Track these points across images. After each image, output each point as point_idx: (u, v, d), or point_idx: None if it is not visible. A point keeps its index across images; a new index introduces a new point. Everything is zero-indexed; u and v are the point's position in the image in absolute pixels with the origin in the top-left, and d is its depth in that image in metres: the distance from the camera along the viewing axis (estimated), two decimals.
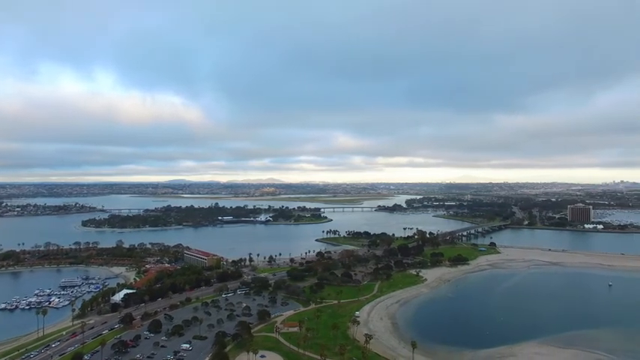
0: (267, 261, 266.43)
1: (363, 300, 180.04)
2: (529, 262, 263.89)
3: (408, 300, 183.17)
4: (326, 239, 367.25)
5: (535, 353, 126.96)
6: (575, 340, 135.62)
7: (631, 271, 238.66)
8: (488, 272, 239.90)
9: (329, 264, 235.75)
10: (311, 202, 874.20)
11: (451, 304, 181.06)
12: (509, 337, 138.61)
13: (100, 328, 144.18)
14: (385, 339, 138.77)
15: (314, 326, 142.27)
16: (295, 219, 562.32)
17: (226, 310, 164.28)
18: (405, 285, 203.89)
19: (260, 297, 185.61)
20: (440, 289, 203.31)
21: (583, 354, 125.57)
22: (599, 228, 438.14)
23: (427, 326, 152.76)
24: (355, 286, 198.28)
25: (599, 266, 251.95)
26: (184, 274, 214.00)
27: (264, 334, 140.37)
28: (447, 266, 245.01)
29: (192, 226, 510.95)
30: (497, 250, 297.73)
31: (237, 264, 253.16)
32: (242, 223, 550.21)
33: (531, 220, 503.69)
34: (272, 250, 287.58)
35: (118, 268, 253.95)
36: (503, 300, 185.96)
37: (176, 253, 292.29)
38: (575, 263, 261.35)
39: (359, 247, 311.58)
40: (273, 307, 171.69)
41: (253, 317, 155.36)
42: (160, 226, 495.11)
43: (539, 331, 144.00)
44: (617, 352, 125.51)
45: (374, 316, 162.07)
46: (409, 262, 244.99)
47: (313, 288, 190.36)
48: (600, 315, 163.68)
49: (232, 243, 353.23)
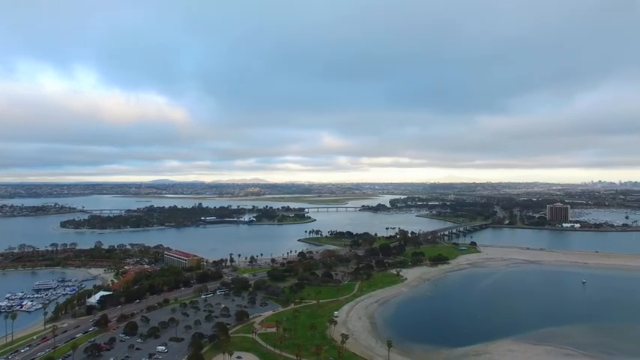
0: (248, 261, 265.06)
1: (342, 300, 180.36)
2: (508, 260, 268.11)
3: (388, 299, 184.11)
4: (308, 239, 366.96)
5: (509, 350, 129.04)
6: (548, 337, 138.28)
7: (604, 269, 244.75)
8: (467, 271, 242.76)
9: (310, 264, 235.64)
10: (295, 202, 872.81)
11: (430, 303, 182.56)
12: (485, 335, 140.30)
13: (73, 332, 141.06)
14: (363, 338, 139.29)
15: (292, 326, 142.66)
16: (279, 219, 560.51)
17: (205, 311, 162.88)
18: (385, 284, 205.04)
19: (239, 298, 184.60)
20: (419, 288, 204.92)
21: (554, 350, 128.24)
22: (576, 227, 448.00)
23: (405, 325, 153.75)
24: (335, 286, 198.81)
25: (575, 264, 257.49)
26: (163, 275, 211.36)
27: (241, 334, 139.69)
28: (427, 265, 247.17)
29: (175, 226, 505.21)
30: (477, 250, 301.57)
31: (217, 264, 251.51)
32: (225, 223, 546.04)
33: (512, 220, 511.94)
34: (254, 250, 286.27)
35: (96, 269, 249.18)
36: (481, 298, 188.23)
37: (156, 254, 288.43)
38: (552, 261, 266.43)
39: (341, 247, 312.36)
40: (252, 307, 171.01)
41: (231, 318, 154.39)
42: (142, 226, 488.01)
43: (515, 329, 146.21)
44: (586, 347, 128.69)
45: (353, 315, 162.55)
46: (390, 262, 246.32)
47: (293, 288, 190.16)
48: (573, 311, 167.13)
49: (214, 243, 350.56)
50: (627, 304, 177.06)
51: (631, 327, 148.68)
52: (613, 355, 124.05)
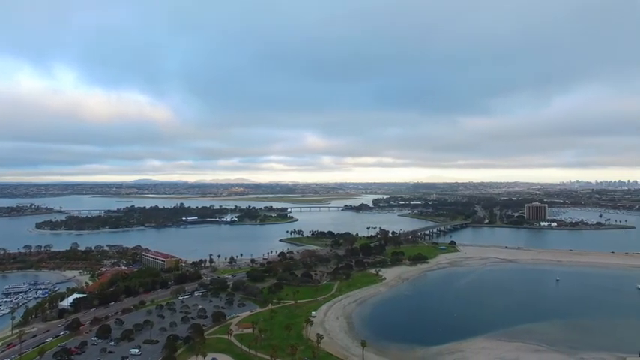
0: (228, 262, 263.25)
1: (321, 300, 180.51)
2: (486, 259, 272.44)
3: (366, 299, 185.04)
4: (290, 239, 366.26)
5: (482, 348, 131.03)
6: (520, 334, 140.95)
7: (577, 266, 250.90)
8: (446, 270, 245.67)
9: (289, 264, 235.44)
10: (279, 202, 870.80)
11: (408, 302, 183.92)
12: (460, 333, 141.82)
13: (42, 336, 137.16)
14: (340, 338, 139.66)
15: (268, 327, 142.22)
16: (261, 219, 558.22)
17: (181, 312, 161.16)
18: (364, 284, 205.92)
19: (217, 298, 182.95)
20: (398, 287, 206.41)
21: (525, 346, 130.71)
22: (553, 225, 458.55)
23: (382, 325, 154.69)
24: (314, 286, 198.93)
25: (550, 262, 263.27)
26: (141, 276, 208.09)
27: (217, 336, 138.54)
28: (406, 265, 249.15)
29: (155, 227, 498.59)
30: (456, 249, 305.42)
31: (196, 265, 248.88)
32: (207, 223, 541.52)
33: (492, 219, 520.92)
34: (235, 250, 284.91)
35: (71, 271, 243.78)
36: (458, 297, 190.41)
37: (134, 255, 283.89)
38: (529, 260, 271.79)
39: (322, 246, 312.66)
40: (229, 308, 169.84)
41: (208, 319, 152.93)
42: (122, 227, 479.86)
43: (489, 326, 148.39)
44: (555, 343, 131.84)
45: (330, 315, 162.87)
46: (369, 262, 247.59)
47: (272, 288, 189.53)
48: (546, 308, 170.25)
49: (195, 244, 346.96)
50: (597, 301, 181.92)
51: (598, 322, 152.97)
52: (579, 349, 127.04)
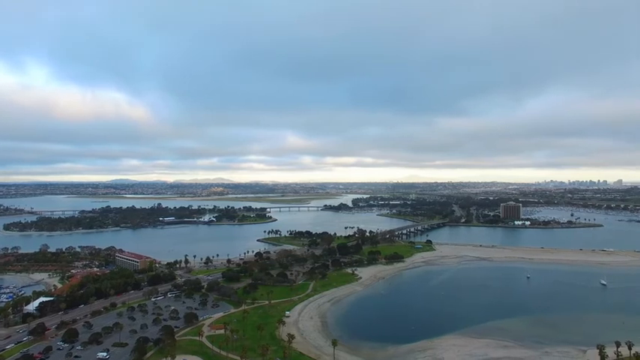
0: (203, 262, 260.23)
1: (296, 299, 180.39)
2: (460, 258, 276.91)
3: (341, 299, 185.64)
4: (267, 239, 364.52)
5: (452, 345, 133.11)
6: (490, 331, 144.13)
7: (547, 263, 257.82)
8: (421, 269, 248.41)
9: (266, 264, 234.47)
10: (258, 202, 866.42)
11: (382, 301, 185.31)
12: (432, 331, 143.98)
13: (3, 343, 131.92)
14: (312, 338, 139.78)
15: (241, 328, 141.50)
16: (239, 219, 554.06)
17: (153, 314, 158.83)
18: (339, 283, 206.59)
19: (191, 299, 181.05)
20: (373, 286, 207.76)
21: (494, 342, 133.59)
22: (527, 224, 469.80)
23: (356, 324, 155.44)
24: (289, 285, 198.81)
25: (522, 260, 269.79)
26: (113, 278, 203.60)
27: (189, 337, 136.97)
28: (383, 264, 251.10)
29: (131, 227, 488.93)
30: (432, 248, 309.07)
31: (171, 266, 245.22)
32: (184, 223, 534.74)
33: (468, 218, 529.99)
34: (211, 251, 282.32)
35: (39, 274, 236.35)
36: (431, 295, 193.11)
37: (107, 257, 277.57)
38: (502, 258, 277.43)
39: (300, 246, 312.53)
40: (203, 309, 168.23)
41: (180, 321, 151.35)
42: (96, 228, 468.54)
43: (460, 324, 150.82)
44: (523, 339, 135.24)
45: (304, 315, 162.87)
46: (346, 261, 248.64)
47: (247, 289, 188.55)
48: (516, 305, 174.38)
49: (171, 244, 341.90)
50: (563, 296, 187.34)
51: (563, 317, 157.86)
52: (544, 344, 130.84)
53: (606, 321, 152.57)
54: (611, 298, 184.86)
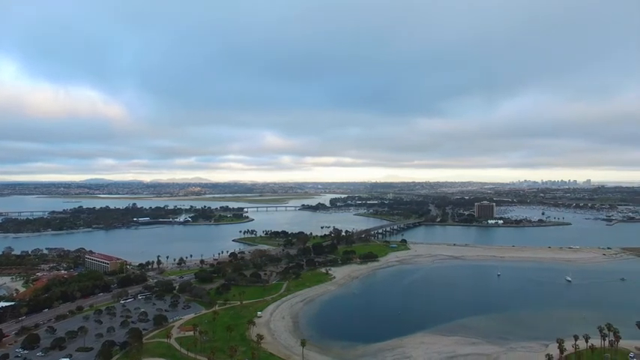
0: (176, 263, 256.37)
1: (268, 300, 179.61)
2: (434, 256, 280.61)
3: (313, 298, 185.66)
4: (243, 239, 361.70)
5: (421, 343, 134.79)
6: (459, 328, 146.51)
7: (517, 261, 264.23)
8: (395, 268, 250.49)
9: (239, 264, 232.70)
10: (236, 201, 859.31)
11: (355, 300, 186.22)
12: (402, 330, 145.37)
13: None
14: (283, 338, 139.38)
15: (212, 329, 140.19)
16: (216, 219, 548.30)
17: (122, 317, 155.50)
18: (313, 283, 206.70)
19: (161, 301, 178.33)
20: (347, 286, 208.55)
21: (462, 340, 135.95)
22: (500, 223, 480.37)
23: (328, 323, 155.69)
24: (263, 286, 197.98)
25: (493, 258, 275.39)
26: (80, 280, 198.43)
27: (157, 340, 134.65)
28: (357, 263, 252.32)
29: (104, 228, 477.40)
30: (407, 247, 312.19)
31: (143, 267, 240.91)
32: (159, 224, 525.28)
33: (444, 217, 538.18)
34: (187, 251, 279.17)
35: (1, 278, 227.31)
36: (404, 294, 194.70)
37: (76, 259, 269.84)
38: (474, 256, 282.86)
39: (275, 246, 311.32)
40: (173, 311, 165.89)
41: (149, 323, 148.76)
42: (66, 229, 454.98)
43: (430, 322, 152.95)
44: (490, 336, 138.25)
45: (276, 315, 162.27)
46: (320, 261, 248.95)
47: (219, 289, 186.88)
48: (485, 303, 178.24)
49: (145, 245, 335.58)
50: (531, 293, 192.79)
51: (530, 314, 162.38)
52: (510, 340, 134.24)
53: (569, 316, 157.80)
54: (574, 294, 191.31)
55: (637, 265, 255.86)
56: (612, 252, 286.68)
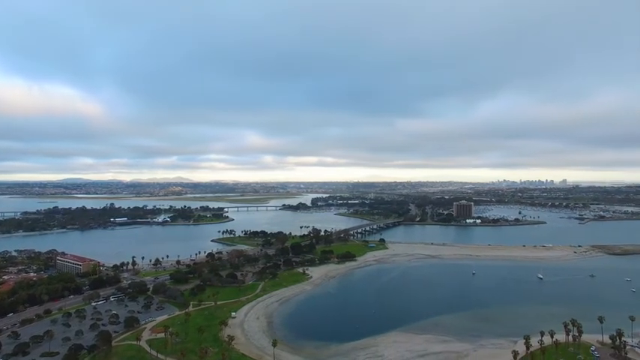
0: (152, 264, 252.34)
1: (244, 300, 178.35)
2: (411, 256, 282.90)
3: (289, 298, 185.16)
4: (221, 239, 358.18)
5: (394, 341, 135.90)
6: (431, 327, 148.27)
7: (492, 260, 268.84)
8: (372, 267, 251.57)
9: (216, 265, 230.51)
10: (216, 201, 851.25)
11: (331, 300, 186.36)
12: (376, 329, 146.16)
13: None
14: (256, 339, 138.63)
15: (184, 330, 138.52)
16: (195, 219, 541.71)
17: (92, 319, 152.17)
18: (290, 283, 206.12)
19: (134, 303, 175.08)
20: (323, 285, 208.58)
21: (434, 338, 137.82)
22: (478, 222, 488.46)
23: (302, 323, 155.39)
24: (239, 286, 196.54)
25: (469, 257, 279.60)
26: (50, 283, 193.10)
27: (127, 342, 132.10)
28: (335, 263, 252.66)
29: (79, 229, 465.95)
30: (385, 246, 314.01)
31: (117, 268, 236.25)
32: (137, 224, 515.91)
33: (423, 217, 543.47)
34: (164, 252, 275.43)
35: None
36: (379, 293, 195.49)
37: (48, 261, 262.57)
38: (451, 255, 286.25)
39: (254, 246, 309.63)
40: (146, 312, 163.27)
41: (120, 325, 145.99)
42: (39, 230, 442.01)
43: (404, 321, 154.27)
44: (461, 333, 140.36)
45: (251, 315, 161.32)
46: (297, 261, 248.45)
47: (194, 290, 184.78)
48: (459, 301, 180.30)
49: (122, 246, 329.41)
50: (503, 291, 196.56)
51: (501, 311, 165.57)
52: (481, 337, 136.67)
53: (538, 312, 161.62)
54: (545, 291, 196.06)
55: (605, 261, 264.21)
56: (583, 250, 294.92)
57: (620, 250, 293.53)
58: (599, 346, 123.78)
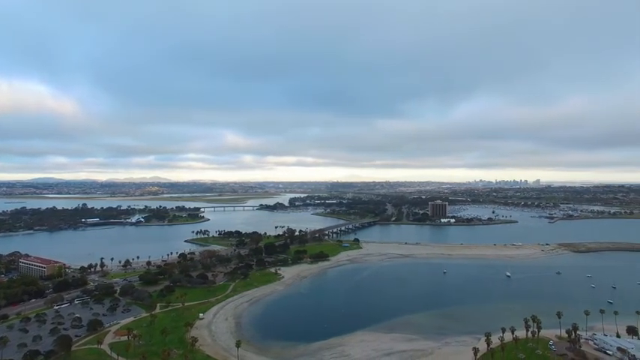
0: (122, 265, 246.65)
1: (213, 301, 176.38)
2: (384, 255, 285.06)
3: (260, 298, 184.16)
4: (195, 240, 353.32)
5: (361, 341, 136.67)
6: (398, 326, 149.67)
7: (464, 259, 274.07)
8: (345, 267, 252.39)
9: (187, 265, 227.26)
10: (194, 201, 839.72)
11: (301, 300, 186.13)
12: (344, 328, 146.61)
13: None
14: (223, 340, 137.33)
15: (150, 332, 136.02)
16: (170, 219, 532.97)
17: (52, 324, 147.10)
18: (261, 283, 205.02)
19: (100, 305, 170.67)
20: (295, 285, 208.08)
21: (401, 337, 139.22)
22: (452, 222, 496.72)
23: (271, 323, 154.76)
24: (209, 287, 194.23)
25: (441, 256, 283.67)
26: (9, 287, 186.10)
27: (89, 346, 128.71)
28: (308, 263, 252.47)
29: (48, 230, 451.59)
30: (359, 246, 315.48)
31: (85, 270, 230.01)
32: (110, 225, 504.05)
33: (398, 216, 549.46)
34: (136, 252, 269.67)
35: None
36: (350, 293, 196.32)
37: (9, 263, 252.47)
38: (423, 254, 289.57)
39: (228, 246, 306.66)
40: (111, 315, 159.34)
41: (83, 329, 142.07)
42: (3, 232, 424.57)
43: (372, 320, 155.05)
44: (427, 332, 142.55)
45: (219, 316, 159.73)
46: (270, 261, 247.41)
47: (162, 291, 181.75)
48: (428, 300, 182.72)
49: (92, 247, 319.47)
50: (473, 289, 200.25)
51: (469, 309, 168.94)
52: (446, 335, 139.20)
53: (504, 309, 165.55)
54: (512, 289, 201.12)
55: (570, 259, 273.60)
56: (550, 248, 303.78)
57: (584, 248, 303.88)
58: (557, 341, 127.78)
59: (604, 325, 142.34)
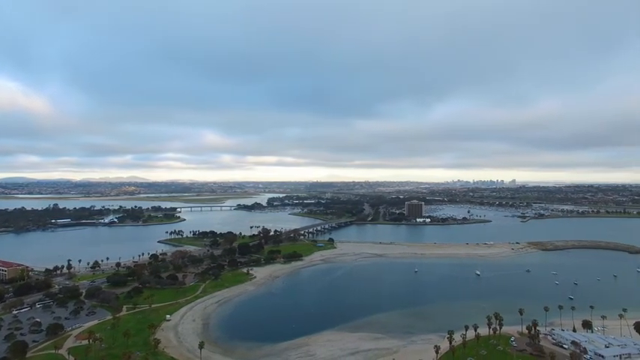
0: (90, 267, 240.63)
1: (182, 302, 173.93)
2: (358, 255, 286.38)
3: (230, 299, 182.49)
4: (169, 240, 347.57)
5: (328, 340, 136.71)
6: (365, 325, 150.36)
7: (436, 258, 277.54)
8: (318, 267, 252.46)
9: (158, 266, 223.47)
10: (170, 201, 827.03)
11: (272, 300, 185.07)
12: (312, 328, 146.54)
13: None
14: (189, 341, 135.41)
15: (113, 335, 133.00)
16: (145, 220, 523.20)
17: (9, 329, 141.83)
18: (232, 284, 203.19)
19: (63, 308, 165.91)
20: (267, 286, 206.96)
21: (367, 336, 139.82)
22: (427, 221, 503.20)
23: (239, 324, 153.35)
24: (179, 288, 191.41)
25: (414, 255, 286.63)
26: None
27: (47, 352, 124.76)
28: (281, 263, 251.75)
29: (14, 231, 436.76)
30: (334, 246, 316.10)
31: (50, 273, 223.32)
32: (82, 225, 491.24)
33: (375, 216, 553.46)
34: (106, 254, 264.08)
35: None
36: (321, 293, 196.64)
37: None
38: (397, 254, 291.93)
39: (202, 247, 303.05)
40: (75, 318, 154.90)
41: (42, 334, 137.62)
42: None
43: (339, 320, 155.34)
44: (394, 331, 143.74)
45: (187, 318, 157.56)
46: (243, 261, 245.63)
47: (130, 293, 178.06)
48: (397, 299, 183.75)
49: (62, 249, 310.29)
50: (443, 288, 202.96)
51: (436, 307, 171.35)
52: (413, 333, 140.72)
53: (471, 307, 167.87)
54: (481, 287, 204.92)
55: (538, 257, 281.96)
56: (520, 246, 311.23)
57: (551, 246, 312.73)
58: (518, 337, 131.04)
59: (562, 321, 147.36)
